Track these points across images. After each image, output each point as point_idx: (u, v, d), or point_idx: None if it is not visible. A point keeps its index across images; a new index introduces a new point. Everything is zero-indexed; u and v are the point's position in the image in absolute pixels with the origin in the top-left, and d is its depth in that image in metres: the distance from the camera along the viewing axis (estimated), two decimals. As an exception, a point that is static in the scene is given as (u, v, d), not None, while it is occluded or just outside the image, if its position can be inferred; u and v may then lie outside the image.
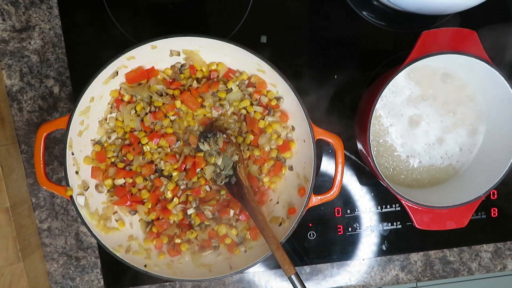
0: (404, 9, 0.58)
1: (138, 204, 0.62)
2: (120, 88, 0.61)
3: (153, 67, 0.61)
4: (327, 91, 0.67)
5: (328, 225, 0.68)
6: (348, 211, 0.68)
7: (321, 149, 0.68)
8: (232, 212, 0.61)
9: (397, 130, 0.61)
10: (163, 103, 0.60)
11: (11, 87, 0.65)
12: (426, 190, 0.62)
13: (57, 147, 0.66)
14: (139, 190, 0.62)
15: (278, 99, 0.61)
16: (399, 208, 0.69)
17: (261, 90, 0.61)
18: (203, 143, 0.60)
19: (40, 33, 0.65)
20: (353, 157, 0.68)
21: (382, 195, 0.68)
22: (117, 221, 0.62)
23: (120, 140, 0.62)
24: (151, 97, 0.61)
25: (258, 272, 0.70)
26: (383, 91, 0.54)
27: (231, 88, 0.61)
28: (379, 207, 0.68)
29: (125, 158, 0.61)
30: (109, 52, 0.57)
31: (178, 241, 0.62)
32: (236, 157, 0.60)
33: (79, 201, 0.58)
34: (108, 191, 0.62)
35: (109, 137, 0.62)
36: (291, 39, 0.66)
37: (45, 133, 0.56)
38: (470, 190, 0.57)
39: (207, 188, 0.62)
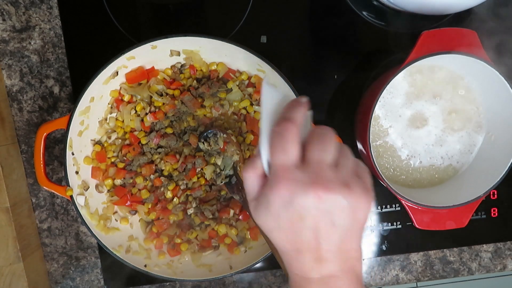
0: (404, 9, 0.58)
1: (138, 204, 0.62)
2: (120, 88, 0.61)
3: (153, 67, 0.61)
4: (327, 91, 0.67)
5: (328, 225, 0.68)
6: (348, 211, 0.68)
7: (321, 149, 0.67)
8: (232, 212, 0.61)
9: (396, 130, 0.61)
10: (163, 103, 0.60)
11: (11, 87, 0.65)
12: (426, 190, 0.62)
13: (57, 147, 0.66)
14: (139, 190, 0.62)
15: (278, 99, 0.61)
16: (399, 208, 0.69)
17: (261, 90, 0.61)
18: (203, 143, 0.60)
19: (40, 33, 0.65)
20: (353, 157, 0.68)
21: (382, 195, 0.68)
22: (117, 221, 0.62)
23: (120, 140, 0.62)
24: (151, 97, 0.61)
25: (258, 272, 0.69)
26: (383, 91, 0.54)
27: (231, 88, 0.61)
28: (379, 207, 0.68)
29: (125, 158, 0.61)
30: (109, 52, 0.57)
31: (178, 241, 0.62)
32: (236, 157, 0.60)
33: (79, 201, 0.58)
34: (108, 191, 0.62)
35: (109, 137, 0.62)
36: (291, 39, 0.66)
37: (45, 133, 0.56)
38: (470, 190, 0.57)
39: (207, 188, 0.62)
